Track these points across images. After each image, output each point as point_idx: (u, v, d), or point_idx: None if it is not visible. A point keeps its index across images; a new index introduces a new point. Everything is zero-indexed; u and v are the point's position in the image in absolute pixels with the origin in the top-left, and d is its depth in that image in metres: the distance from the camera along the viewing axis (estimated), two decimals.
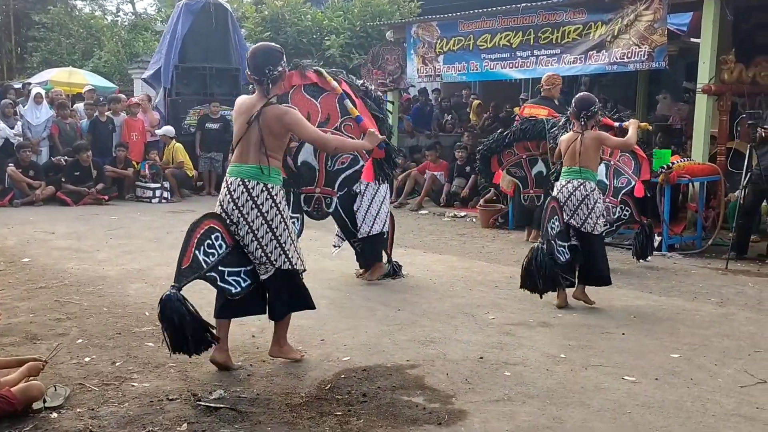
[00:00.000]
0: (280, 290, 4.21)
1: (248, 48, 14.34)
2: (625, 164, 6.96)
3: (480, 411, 3.63)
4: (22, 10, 24.46)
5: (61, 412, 3.52)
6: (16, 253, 7.54)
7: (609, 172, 6.82)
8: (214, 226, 4.03)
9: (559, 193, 5.69)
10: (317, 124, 4.84)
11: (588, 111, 5.62)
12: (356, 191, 6.33)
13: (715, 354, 4.63)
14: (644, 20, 9.22)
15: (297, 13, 15.20)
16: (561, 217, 5.63)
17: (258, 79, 4.09)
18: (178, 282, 3.85)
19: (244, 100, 4.21)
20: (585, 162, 5.60)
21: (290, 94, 4.94)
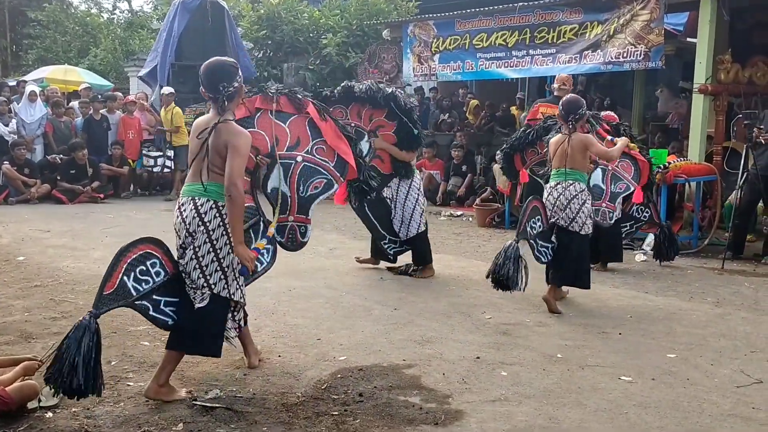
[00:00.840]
0: (197, 321, 3.79)
1: (244, 46, 14.47)
2: (625, 170, 6.98)
3: (477, 411, 3.63)
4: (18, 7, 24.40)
5: (56, 412, 3.50)
6: (11, 251, 7.51)
7: (606, 177, 6.86)
8: (152, 252, 3.74)
9: (549, 196, 5.70)
10: (286, 147, 4.53)
11: (575, 114, 5.60)
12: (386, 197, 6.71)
13: (712, 354, 4.63)
14: (641, 20, 9.24)
15: (293, 11, 15.17)
16: (544, 217, 5.64)
17: (213, 96, 3.80)
18: (96, 308, 3.51)
19: (201, 120, 3.94)
20: (572, 164, 5.61)
21: (256, 118, 4.52)
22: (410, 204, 6.74)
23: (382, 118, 6.35)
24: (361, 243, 8.51)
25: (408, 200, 6.74)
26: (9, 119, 12.16)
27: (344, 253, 7.82)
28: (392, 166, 6.62)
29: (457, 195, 11.81)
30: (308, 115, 4.62)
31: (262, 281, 5.57)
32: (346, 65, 14.20)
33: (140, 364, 4.22)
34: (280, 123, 4.55)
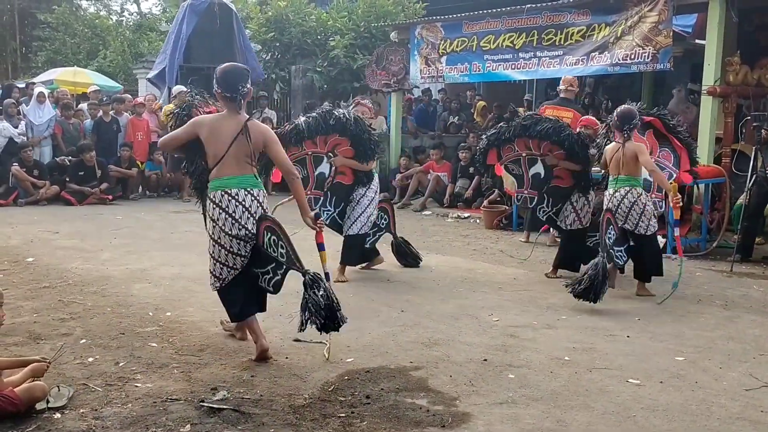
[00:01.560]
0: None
1: (252, 48, 14.50)
2: (665, 158, 6.78)
3: (484, 413, 3.62)
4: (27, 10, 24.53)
5: (64, 413, 3.51)
6: (20, 252, 7.55)
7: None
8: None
9: (609, 203, 6.14)
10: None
11: (630, 124, 5.99)
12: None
13: (720, 357, 4.61)
14: (649, 21, 9.21)
15: (301, 13, 15.20)
16: (615, 225, 6.08)
17: (231, 95, 4.30)
18: None
19: (214, 119, 4.41)
20: (628, 170, 6.02)
21: None
22: (364, 203, 6.74)
23: (336, 137, 6.59)
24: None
25: (363, 199, 6.75)
26: (18, 121, 12.22)
27: None
28: (354, 177, 6.76)
29: (465, 197, 11.79)
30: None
31: None
32: (354, 67, 14.21)
33: (148, 365, 4.23)
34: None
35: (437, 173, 12.16)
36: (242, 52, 14.26)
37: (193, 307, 5.54)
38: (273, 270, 4.44)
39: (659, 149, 6.70)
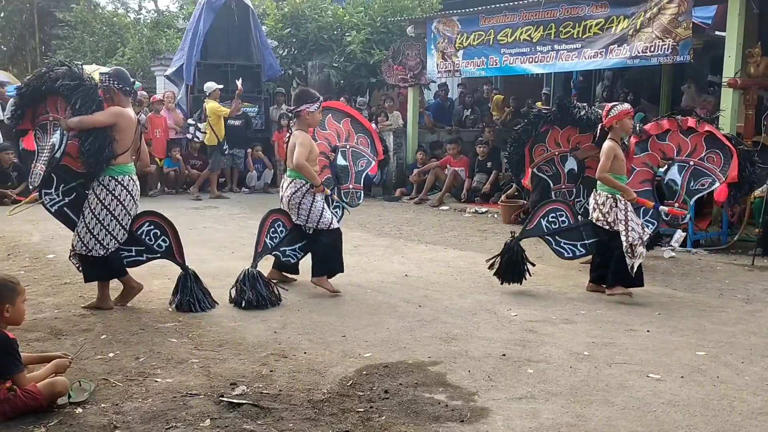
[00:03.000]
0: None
1: (269, 44, 14.51)
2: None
3: (503, 408, 3.61)
4: (46, 8, 24.71)
5: (85, 408, 3.54)
6: (41, 249, 7.63)
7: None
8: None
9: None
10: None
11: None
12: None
13: (742, 351, 4.56)
14: (668, 13, 9.11)
15: (317, 9, 15.20)
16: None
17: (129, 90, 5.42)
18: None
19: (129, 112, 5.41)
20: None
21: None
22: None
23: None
24: (385, 240, 8.52)
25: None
26: None
27: (369, 251, 7.83)
28: None
29: (482, 192, 11.76)
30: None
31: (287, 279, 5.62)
32: (371, 62, 14.19)
33: (168, 360, 4.25)
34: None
35: (454, 168, 12.13)
36: (259, 49, 14.30)
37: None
38: (138, 253, 5.55)
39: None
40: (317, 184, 5.86)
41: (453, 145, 12.42)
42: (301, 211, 5.93)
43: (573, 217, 6.20)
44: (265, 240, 5.82)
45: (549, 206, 6.26)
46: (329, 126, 6.54)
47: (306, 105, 5.84)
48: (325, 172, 6.27)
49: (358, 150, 6.62)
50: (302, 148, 5.73)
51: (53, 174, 5.22)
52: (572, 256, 6.23)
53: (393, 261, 7.29)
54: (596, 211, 5.93)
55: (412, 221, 10.11)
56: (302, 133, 5.86)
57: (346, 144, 6.58)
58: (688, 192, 6.27)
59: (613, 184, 5.79)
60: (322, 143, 6.34)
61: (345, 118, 6.67)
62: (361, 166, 6.60)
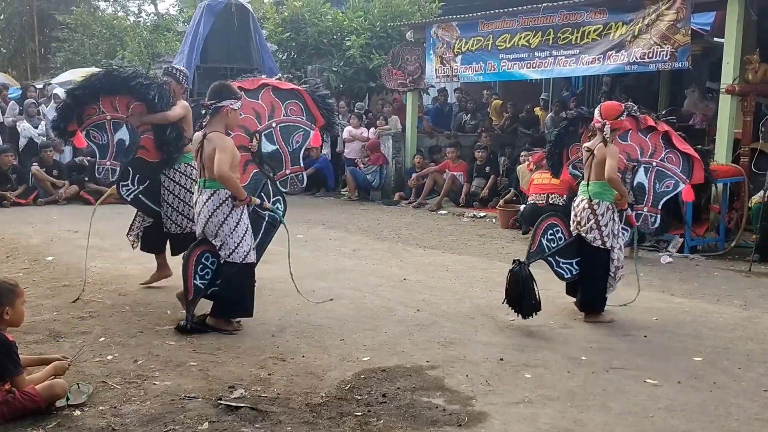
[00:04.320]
0: None
1: (269, 48, 14.54)
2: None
3: (500, 413, 3.62)
4: (46, 11, 24.73)
5: (84, 410, 3.55)
6: (41, 251, 7.63)
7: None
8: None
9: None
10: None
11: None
12: None
13: (739, 357, 4.58)
14: (667, 20, 9.14)
15: (317, 13, 15.24)
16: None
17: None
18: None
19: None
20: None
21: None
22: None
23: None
24: (384, 244, 8.53)
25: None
26: (38, 121, 12.35)
27: (367, 254, 7.84)
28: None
29: (481, 196, 11.78)
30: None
31: (286, 282, 5.62)
32: (370, 67, 14.22)
33: (166, 363, 4.26)
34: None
35: (453, 172, 12.15)
36: (258, 52, 14.29)
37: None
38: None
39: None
40: (242, 197, 4.85)
41: (452, 150, 12.44)
42: (220, 233, 4.85)
43: (567, 231, 5.50)
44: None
45: (546, 222, 5.48)
46: (244, 108, 5.33)
47: (230, 101, 4.86)
48: (249, 170, 5.33)
49: (288, 123, 5.60)
50: (224, 155, 4.71)
51: (129, 167, 5.86)
52: (571, 277, 5.50)
53: (391, 265, 7.30)
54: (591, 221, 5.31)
55: (410, 225, 10.13)
56: (220, 135, 4.80)
57: (271, 122, 5.52)
58: (655, 195, 5.99)
59: (619, 187, 5.30)
60: (238, 134, 5.30)
61: (262, 90, 5.58)
62: (296, 141, 5.59)
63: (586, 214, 5.32)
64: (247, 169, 5.31)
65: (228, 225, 4.84)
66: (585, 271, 5.42)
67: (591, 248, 5.32)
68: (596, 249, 5.30)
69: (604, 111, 5.30)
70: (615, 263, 5.33)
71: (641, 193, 5.91)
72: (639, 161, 5.93)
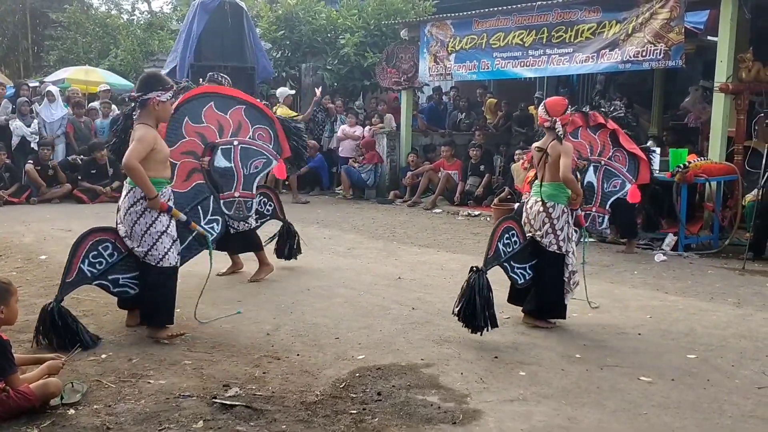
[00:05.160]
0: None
1: (263, 47, 14.52)
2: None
3: (495, 411, 3.63)
4: (39, 9, 24.65)
5: (78, 409, 3.54)
6: (34, 250, 7.60)
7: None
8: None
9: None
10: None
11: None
12: None
13: (733, 355, 4.59)
14: (660, 18, 9.16)
15: (311, 11, 15.22)
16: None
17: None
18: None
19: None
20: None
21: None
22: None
23: None
24: (378, 242, 8.53)
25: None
26: (31, 120, 12.31)
27: (362, 253, 7.84)
28: None
29: (475, 195, 11.79)
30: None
31: (281, 280, 5.61)
32: (364, 65, 14.21)
33: (161, 361, 4.25)
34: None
35: (448, 171, 12.15)
36: (252, 51, 14.28)
37: (204, 304, 5.54)
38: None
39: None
40: (150, 194, 4.49)
41: (446, 148, 12.44)
42: (134, 233, 4.60)
43: (522, 235, 5.19)
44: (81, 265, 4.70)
45: (503, 225, 5.17)
46: (208, 118, 5.31)
47: (156, 92, 4.57)
48: (194, 179, 5.11)
49: (251, 146, 5.49)
50: (138, 145, 4.46)
51: None
52: (524, 282, 5.16)
53: (386, 263, 7.31)
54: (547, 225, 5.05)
55: (405, 224, 10.13)
56: (145, 126, 4.55)
57: (233, 139, 5.40)
58: (603, 195, 5.84)
59: (575, 186, 5.04)
60: (192, 140, 5.19)
61: (237, 106, 5.51)
62: (254, 167, 5.44)
63: (540, 217, 5.04)
64: (192, 177, 5.08)
65: (140, 225, 4.55)
66: (540, 276, 5.13)
67: (547, 253, 5.06)
68: (552, 254, 5.05)
69: (550, 108, 5.01)
70: (569, 268, 5.10)
71: (590, 192, 5.73)
72: (589, 159, 5.80)
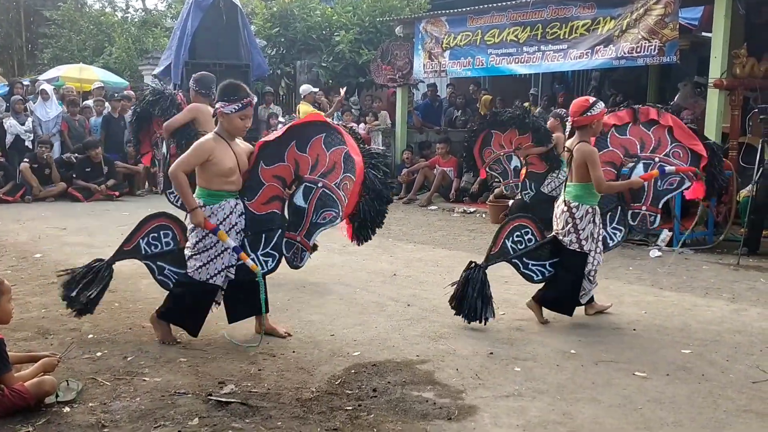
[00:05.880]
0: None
1: (257, 44, 14.50)
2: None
3: (490, 406, 3.63)
4: (33, 7, 24.59)
5: (73, 407, 3.54)
6: (29, 248, 7.59)
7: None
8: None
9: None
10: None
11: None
12: None
13: (727, 350, 4.61)
14: (654, 14, 9.17)
15: (306, 8, 15.20)
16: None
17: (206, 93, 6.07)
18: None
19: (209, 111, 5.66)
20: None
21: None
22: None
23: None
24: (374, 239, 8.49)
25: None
26: (25, 118, 12.28)
27: (357, 250, 7.79)
28: None
29: (471, 191, 11.80)
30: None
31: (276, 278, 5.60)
32: (359, 62, 14.20)
33: (156, 359, 4.25)
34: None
35: (443, 168, 12.16)
36: (247, 48, 14.25)
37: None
38: None
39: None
40: (189, 207, 4.36)
41: (442, 145, 12.44)
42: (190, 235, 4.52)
43: (539, 233, 5.25)
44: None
45: (513, 224, 5.25)
46: (312, 149, 4.60)
47: (221, 103, 4.38)
48: (272, 206, 4.62)
49: (331, 194, 4.60)
50: (186, 155, 4.38)
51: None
52: (542, 279, 5.27)
53: (382, 260, 7.31)
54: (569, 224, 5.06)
55: (400, 221, 10.13)
56: (209, 136, 4.46)
57: (320, 180, 4.56)
58: (656, 193, 5.56)
59: (618, 186, 5.17)
60: (287, 166, 4.61)
61: (340, 147, 4.61)
62: (323, 218, 4.61)
63: (564, 217, 5.07)
64: (272, 203, 4.62)
65: (192, 235, 4.47)
66: (558, 272, 5.19)
67: (567, 251, 5.08)
68: (572, 252, 5.06)
69: (571, 108, 5.06)
70: (590, 267, 5.08)
71: (639, 190, 5.52)
72: (638, 156, 5.58)
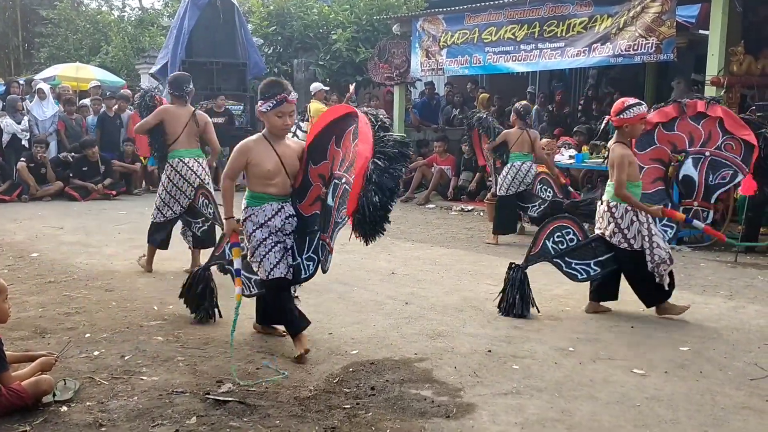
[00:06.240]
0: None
1: (254, 42, 14.49)
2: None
3: (488, 404, 3.63)
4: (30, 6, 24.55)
5: (70, 406, 3.53)
6: (25, 248, 7.57)
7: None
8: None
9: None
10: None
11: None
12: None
13: (725, 347, 4.61)
14: (652, 12, 9.18)
15: (303, 7, 15.20)
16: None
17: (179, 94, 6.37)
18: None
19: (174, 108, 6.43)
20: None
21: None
22: None
23: None
24: None
25: None
26: (21, 117, 12.25)
27: (355, 249, 7.81)
28: None
29: (468, 190, 11.80)
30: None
31: None
32: (356, 60, 14.19)
33: (153, 358, 4.24)
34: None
35: (441, 166, 12.16)
36: (244, 46, 14.26)
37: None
38: (202, 222, 6.35)
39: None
40: (226, 215, 4.36)
41: (439, 144, 12.44)
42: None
43: (581, 232, 5.35)
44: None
45: (553, 224, 5.38)
46: (344, 143, 4.13)
47: (260, 101, 4.28)
48: (316, 206, 4.35)
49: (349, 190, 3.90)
50: (229, 161, 4.34)
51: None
52: (587, 277, 5.38)
53: (379, 259, 7.30)
54: (612, 224, 5.18)
55: (398, 219, 10.12)
56: (255, 136, 4.40)
57: (344, 175, 4.02)
58: (707, 188, 5.40)
59: (634, 203, 5.08)
60: (327, 163, 4.27)
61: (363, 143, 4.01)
62: (342, 216, 4.06)
63: (606, 217, 5.20)
64: (315, 204, 4.32)
65: (247, 236, 4.37)
66: (627, 274, 5.34)
67: (620, 251, 5.19)
68: (624, 251, 5.17)
69: (613, 109, 5.21)
70: (650, 263, 5.09)
71: (690, 186, 5.41)
72: (687, 152, 5.44)
